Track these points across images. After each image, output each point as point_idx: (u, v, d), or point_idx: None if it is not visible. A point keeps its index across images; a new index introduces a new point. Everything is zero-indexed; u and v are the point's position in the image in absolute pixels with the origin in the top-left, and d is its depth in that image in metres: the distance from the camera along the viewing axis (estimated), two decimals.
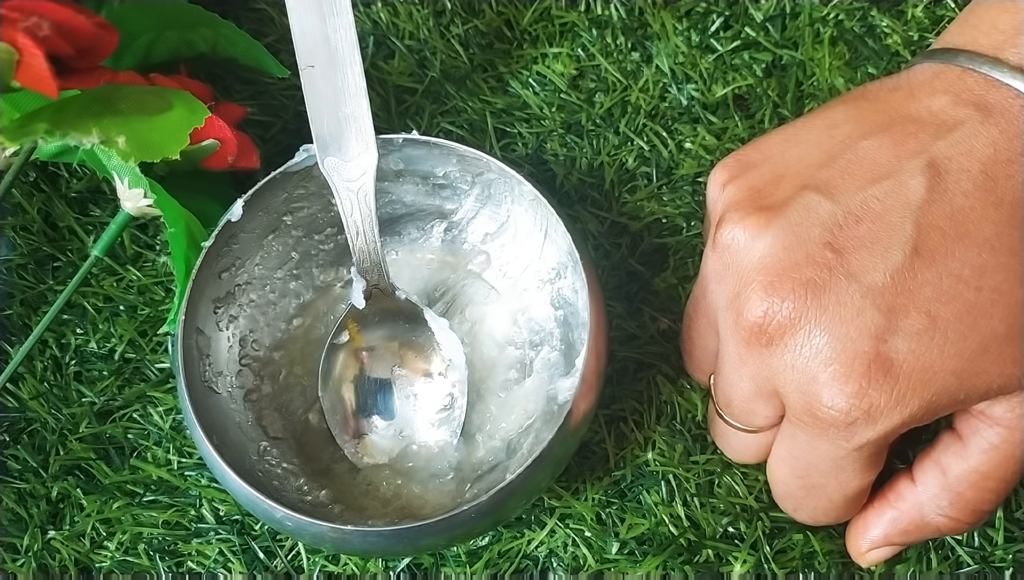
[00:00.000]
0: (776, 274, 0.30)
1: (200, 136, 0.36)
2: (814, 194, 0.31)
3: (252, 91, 0.43)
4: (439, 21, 0.44)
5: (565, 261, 0.37)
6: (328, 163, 0.34)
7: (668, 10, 0.44)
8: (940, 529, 0.33)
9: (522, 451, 0.36)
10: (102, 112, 0.34)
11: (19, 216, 0.42)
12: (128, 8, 0.38)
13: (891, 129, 0.32)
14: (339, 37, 0.34)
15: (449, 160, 0.37)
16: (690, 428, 0.38)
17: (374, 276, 0.36)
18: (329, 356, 0.37)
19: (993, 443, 0.31)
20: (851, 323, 0.29)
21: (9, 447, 0.39)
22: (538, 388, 0.37)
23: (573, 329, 0.37)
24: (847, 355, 0.29)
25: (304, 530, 0.31)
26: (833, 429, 0.30)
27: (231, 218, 0.35)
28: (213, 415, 0.32)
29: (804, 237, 0.30)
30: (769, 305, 0.30)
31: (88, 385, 0.40)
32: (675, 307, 0.40)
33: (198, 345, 0.35)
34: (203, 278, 0.35)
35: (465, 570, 0.37)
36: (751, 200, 0.32)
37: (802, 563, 0.36)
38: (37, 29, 0.32)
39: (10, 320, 0.41)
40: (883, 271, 0.30)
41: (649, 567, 0.36)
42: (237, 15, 0.44)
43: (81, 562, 0.38)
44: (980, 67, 0.31)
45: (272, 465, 0.36)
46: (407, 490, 0.36)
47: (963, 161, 0.30)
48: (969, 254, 0.30)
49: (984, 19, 0.32)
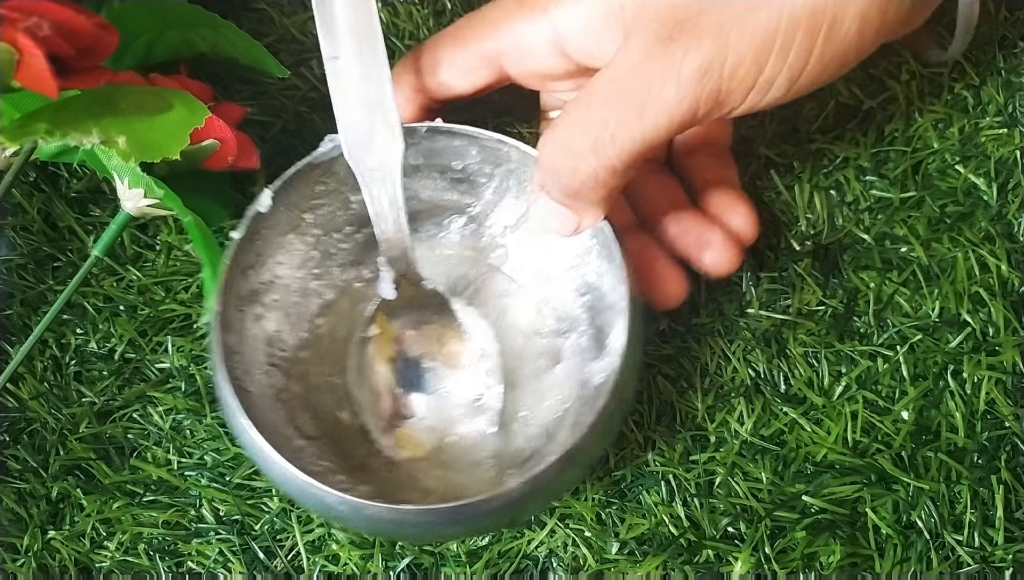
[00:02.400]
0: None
1: (200, 136, 0.36)
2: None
3: (252, 91, 0.43)
4: (439, 21, 0.44)
5: (589, 245, 0.37)
6: (354, 151, 0.34)
7: None
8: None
9: (563, 435, 0.36)
10: (102, 112, 0.34)
11: (19, 216, 0.42)
12: (128, 8, 0.38)
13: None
14: (363, 25, 0.34)
15: (469, 151, 0.37)
16: (690, 428, 0.38)
17: (402, 266, 0.36)
18: (359, 351, 0.37)
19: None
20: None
21: (9, 447, 0.39)
22: (570, 374, 0.37)
23: (600, 313, 0.37)
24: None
25: (359, 513, 0.31)
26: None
27: (260, 209, 0.35)
28: (248, 412, 0.32)
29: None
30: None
31: (88, 385, 0.40)
32: (676, 307, 0.39)
33: (228, 343, 0.34)
34: (232, 272, 0.34)
35: (465, 570, 0.37)
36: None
37: (803, 563, 0.36)
38: (37, 29, 0.32)
39: (10, 320, 0.41)
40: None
41: (649, 567, 0.36)
42: (237, 15, 0.44)
43: (81, 562, 0.38)
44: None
45: (309, 463, 0.35)
46: (447, 481, 0.36)
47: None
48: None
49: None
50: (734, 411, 0.38)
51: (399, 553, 0.37)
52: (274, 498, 0.38)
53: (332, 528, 0.38)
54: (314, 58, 0.43)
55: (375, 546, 0.37)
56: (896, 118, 0.41)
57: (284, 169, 0.41)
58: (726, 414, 0.38)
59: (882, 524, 0.37)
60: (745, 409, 0.38)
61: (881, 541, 0.37)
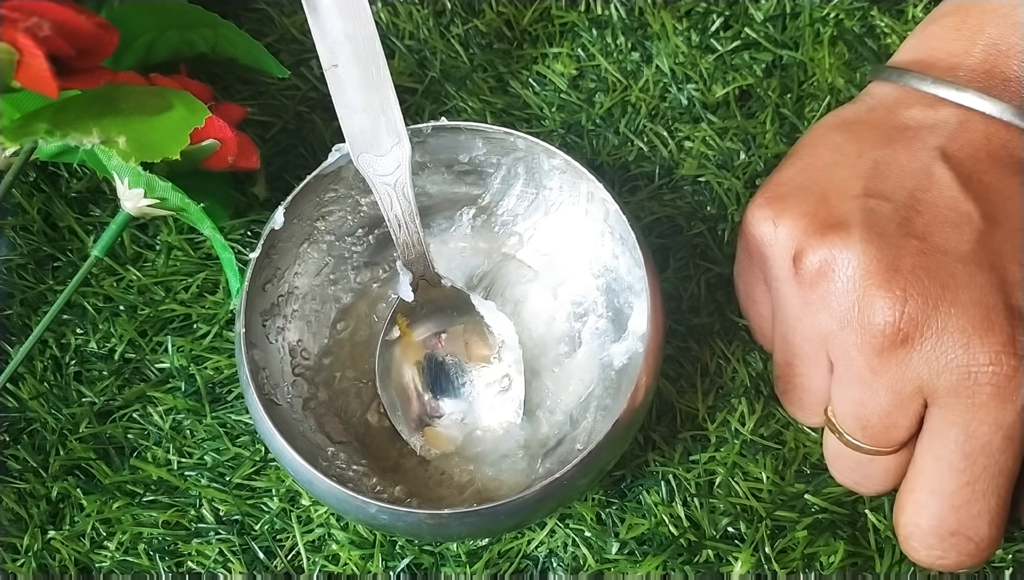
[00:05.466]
0: (884, 275, 0.31)
1: (200, 136, 0.36)
2: (871, 200, 0.33)
3: (252, 91, 0.43)
4: (439, 21, 0.44)
5: (602, 228, 0.37)
6: (362, 160, 0.34)
7: (668, 10, 0.44)
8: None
9: (587, 421, 0.36)
10: (102, 112, 0.34)
11: (19, 216, 0.42)
12: (128, 8, 0.38)
13: (893, 139, 0.34)
14: (360, 33, 0.34)
15: (475, 144, 0.37)
16: (690, 428, 0.38)
17: (420, 267, 0.36)
18: (383, 353, 0.37)
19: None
20: (970, 288, 0.31)
21: (9, 447, 0.39)
22: (591, 357, 0.38)
23: (618, 294, 0.37)
24: (982, 314, 0.31)
25: (400, 520, 0.32)
26: (994, 388, 0.30)
27: (274, 227, 0.35)
28: (279, 426, 0.32)
29: (886, 234, 0.32)
30: (895, 304, 0.31)
31: (88, 385, 0.40)
32: (676, 307, 0.40)
33: (254, 359, 0.35)
34: (252, 291, 0.35)
35: (465, 570, 0.37)
36: (816, 224, 0.33)
37: (803, 563, 0.36)
38: (37, 29, 0.32)
39: (10, 320, 0.41)
40: (968, 240, 0.32)
41: (649, 567, 0.36)
42: (237, 15, 0.44)
43: (81, 562, 0.38)
44: (937, 89, 0.34)
45: (343, 469, 0.36)
46: (479, 474, 0.37)
47: (967, 148, 0.33)
48: (1015, 219, 0.32)
49: (938, 41, 0.36)
50: (734, 411, 0.38)
51: (399, 553, 0.37)
52: (274, 498, 0.38)
53: (332, 528, 0.38)
54: (314, 58, 0.43)
55: (375, 546, 0.37)
56: None
57: (284, 169, 0.42)
58: (726, 414, 0.38)
59: (882, 524, 0.37)
60: (745, 409, 0.38)
61: (881, 541, 0.37)
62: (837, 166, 0.34)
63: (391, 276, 0.39)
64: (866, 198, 0.33)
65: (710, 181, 0.41)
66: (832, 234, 0.32)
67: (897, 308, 0.31)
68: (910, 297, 0.31)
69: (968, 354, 0.31)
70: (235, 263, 0.36)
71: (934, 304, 0.31)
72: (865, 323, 0.31)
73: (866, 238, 0.32)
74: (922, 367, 0.31)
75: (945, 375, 0.31)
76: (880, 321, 0.31)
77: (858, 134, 0.35)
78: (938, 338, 0.31)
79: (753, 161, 0.41)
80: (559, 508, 0.36)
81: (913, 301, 0.31)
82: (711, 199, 0.41)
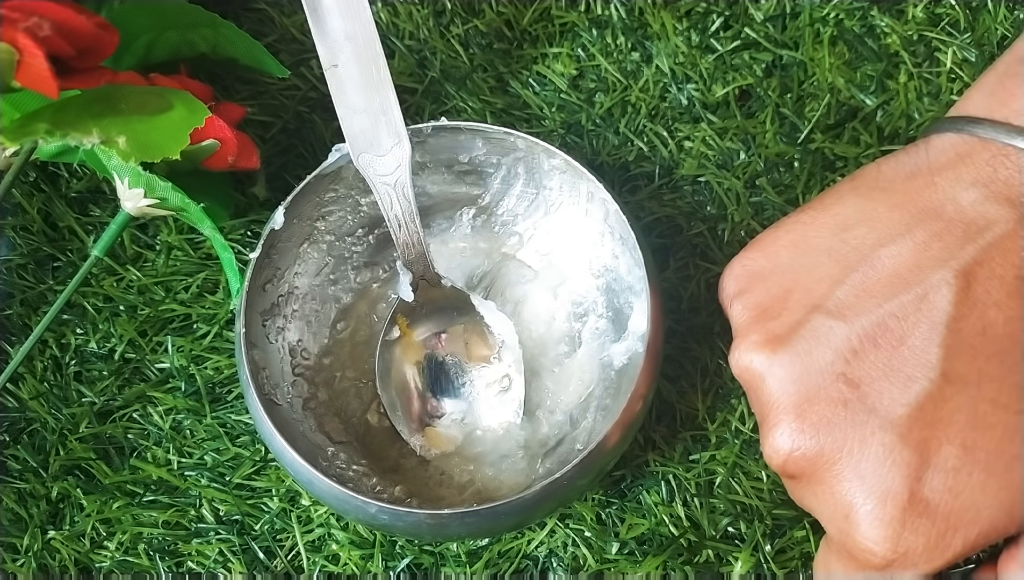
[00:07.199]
0: (792, 410, 0.29)
1: (200, 136, 0.36)
2: (824, 318, 0.29)
3: (252, 91, 0.43)
4: (439, 21, 0.44)
5: (602, 228, 0.37)
6: (362, 160, 0.34)
7: (668, 10, 0.44)
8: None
9: (587, 421, 0.36)
10: (102, 112, 0.34)
11: (19, 216, 0.42)
12: (128, 8, 0.38)
13: (912, 231, 0.29)
14: (360, 33, 0.34)
15: (475, 144, 0.37)
16: (690, 428, 0.38)
17: (420, 267, 0.36)
18: (383, 353, 0.37)
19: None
20: (880, 462, 0.27)
21: (9, 447, 0.39)
22: (591, 357, 0.38)
23: (618, 294, 0.37)
24: (879, 496, 0.27)
25: (401, 520, 0.32)
26: (869, 569, 0.28)
27: (274, 227, 0.35)
28: (279, 426, 0.33)
29: (815, 368, 0.29)
30: (792, 440, 0.29)
31: (88, 385, 0.40)
32: (676, 307, 0.40)
33: (254, 359, 0.35)
34: (252, 291, 0.35)
35: (465, 570, 0.37)
36: (759, 322, 0.30)
37: (802, 563, 0.37)
38: (37, 29, 0.32)
39: (10, 320, 0.41)
40: (907, 403, 0.27)
41: (649, 567, 0.36)
42: (237, 15, 0.44)
43: (81, 562, 0.38)
44: (1012, 140, 0.28)
45: (342, 469, 0.36)
46: (480, 474, 0.37)
47: (996, 267, 0.27)
48: (1006, 373, 0.27)
49: (1014, 92, 0.28)
50: (734, 411, 0.38)
51: (399, 553, 0.37)
52: (274, 498, 0.38)
53: (332, 528, 0.38)
54: (314, 58, 0.43)
55: (375, 546, 0.37)
56: (896, 118, 0.41)
57: (284, 169, 0.41)
58: (726, 414, 0.38)
59: None
60: (745, 409, 0.38)
61: None
62: (829, 252, 0.30)
63: (391, 276, 0.39)
64: (820, 315, 0.29)
65: (710, 181, 0.41)
66: (763, 346, 0.30)
67: (794, 446, 0.29)
68: (808, 443, 0.28)
69: (845, 528, 0.28)
70: (235, 263, 0.36)
71: (826, 465, 0.28)
72: (765, 441, 0.30)
73: (789, 366, 0.29)
74: (812, 508, 0.30)
75: (830, 528, 0.29)
76: (774, 447, 0.29)
77: (876, 208, 0.30)
78: (828, 492, 0.28)
79: (753, 161, 0.41)
80: (559, 508, 0.36)
81: (809, 449, 0.28)
82: (711, 199, 0.41)
